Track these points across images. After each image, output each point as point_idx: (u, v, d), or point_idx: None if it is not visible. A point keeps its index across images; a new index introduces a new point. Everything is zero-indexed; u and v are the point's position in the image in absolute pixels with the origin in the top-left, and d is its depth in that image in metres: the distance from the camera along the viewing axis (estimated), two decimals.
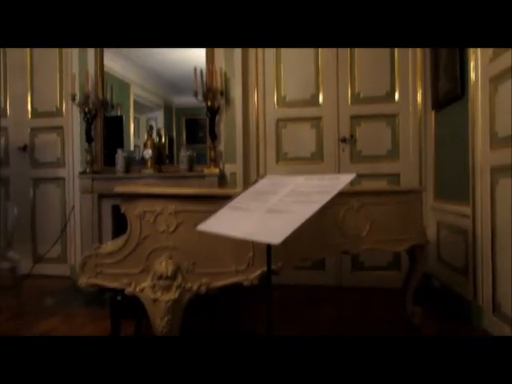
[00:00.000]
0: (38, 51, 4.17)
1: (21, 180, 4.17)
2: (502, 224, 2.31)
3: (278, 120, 3.79)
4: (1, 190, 4.08)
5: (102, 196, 3.79)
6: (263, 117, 3.80)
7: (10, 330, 2.63)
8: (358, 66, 3.64)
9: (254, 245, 1.90)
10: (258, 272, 1.95)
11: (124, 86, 4.18)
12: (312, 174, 1.54)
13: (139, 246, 1.91)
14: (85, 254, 1.98)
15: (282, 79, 3.78)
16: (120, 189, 1.95)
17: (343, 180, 1.29)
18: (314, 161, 3.70)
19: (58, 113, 4.16)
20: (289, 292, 3.35)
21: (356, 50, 3.63)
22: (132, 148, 4.17)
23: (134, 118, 4.24)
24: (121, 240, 1.99)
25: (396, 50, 3.58)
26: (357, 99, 3.64)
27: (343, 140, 3.62)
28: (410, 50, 3.55)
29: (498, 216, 2.36)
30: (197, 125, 4.10)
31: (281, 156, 3.79)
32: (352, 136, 3.63)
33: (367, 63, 3.62)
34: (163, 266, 1.88)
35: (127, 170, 3.83)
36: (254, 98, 3.80)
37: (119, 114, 4.16)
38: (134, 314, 2.32)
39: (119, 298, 2.04)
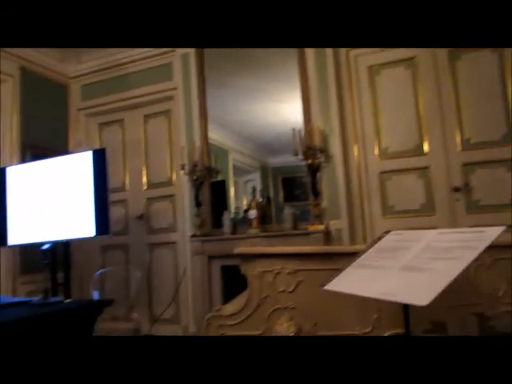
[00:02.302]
0: (151, 131, 4.65)
1: (138, 246, 4.53)
2: None
3: (382, 173, 3.69)
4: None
5: (211, 257, 3.92)
6: (365, 171, 3.74)
7: None
8: (465, 108, 3.44)
9: (379, 306, 1.79)
10: (385, 335, 1.82)
11: (223, 153, 4.42)
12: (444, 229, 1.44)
13: (260, 307, 1.91)
14: (208, 315, 2.03)
15: (382, 131, 3.72)
16: (239, 250, 2.00)
17: (490, 234, 1.16)
18: (424, 213, 3.49)
19: (169, 182, 4.53)
20: None
21: (461, 91, 3.45)
22: (233, 210, 4.33)
23: (234, 181, 4.43)
24: (241, 300, 2.01)
25: (510, 85, 3.33)
26: (468, 145, 3.43)
27: (456, 189, 3.39)
28: None
29: None
30: (293, 183, 4.14)
31: (387, 210, 3.64)
32: (466, 184, 3.38)
33: (476, 104, 3.41)
34: (284, 327, 1.85)
35: (234, 230, 3.95)
36: (355, 152, 3.77)
37: (221, 179, 4.39)
38: None
39: None
